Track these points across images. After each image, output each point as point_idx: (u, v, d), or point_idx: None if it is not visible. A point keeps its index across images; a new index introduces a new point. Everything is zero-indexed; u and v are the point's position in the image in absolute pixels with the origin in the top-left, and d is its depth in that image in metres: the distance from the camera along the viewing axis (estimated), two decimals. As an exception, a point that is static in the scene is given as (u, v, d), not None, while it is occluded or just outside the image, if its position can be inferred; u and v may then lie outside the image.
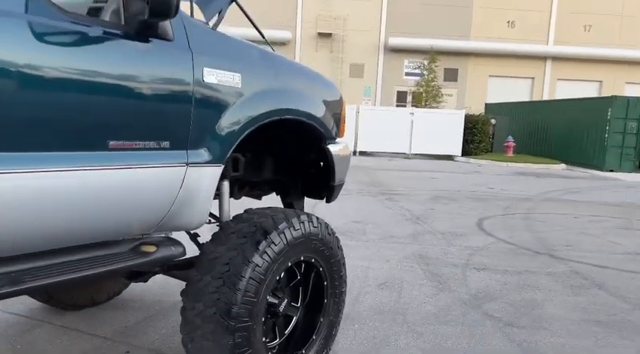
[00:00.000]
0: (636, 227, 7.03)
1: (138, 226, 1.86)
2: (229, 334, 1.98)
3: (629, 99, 16.20)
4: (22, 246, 1.54)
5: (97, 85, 1.59)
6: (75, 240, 1.70)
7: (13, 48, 1.37)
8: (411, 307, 3.57)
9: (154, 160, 1.77)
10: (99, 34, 1.61)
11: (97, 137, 1.60)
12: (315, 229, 2.34)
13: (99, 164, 1.61)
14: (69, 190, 1.55)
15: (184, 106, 1.85)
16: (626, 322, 3.52)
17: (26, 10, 1.44)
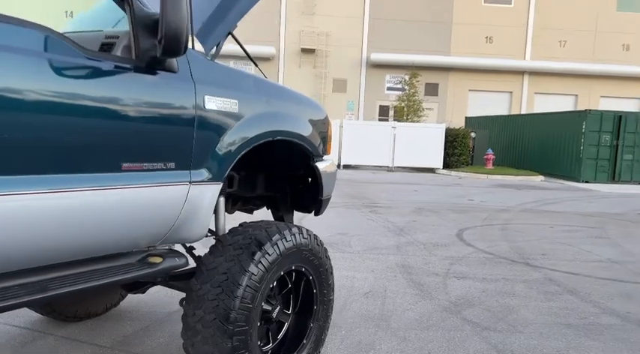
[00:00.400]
0: (608, 236, 7.35)
1: (146, 239, 2.05)
2: (228, 338, 2.16)
3: (603, 113, 16.80)
4: (49, 257, 1.72)
5: (111, 114, 1.78)
6: (92, 252, 1.88)
7: (34, 83, 1.56)
8: (395, 314, 3.78)
9: (161, 179, 1.96)
10: (112, 68, 1.81)
11: (112, 160, 1.79)
12: (305, 241, 2.54)
13: (113, 184, 1.80)
14: (88, 208, 1.74)
15: (188, 131, 2.05)
16: (595, 325, 3.77)
17: (45, 48, 1.63)
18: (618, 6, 28.03)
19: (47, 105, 1.58)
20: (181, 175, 2.04)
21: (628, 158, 16.45)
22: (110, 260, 1.98)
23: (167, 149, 1.98)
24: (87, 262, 1.90)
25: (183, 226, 2.14)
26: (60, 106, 1.62)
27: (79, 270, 1.85)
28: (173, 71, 1.99)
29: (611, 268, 5.51)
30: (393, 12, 27.02)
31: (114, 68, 1.81)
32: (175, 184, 2.01)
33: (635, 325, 3.80)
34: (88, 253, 1.87)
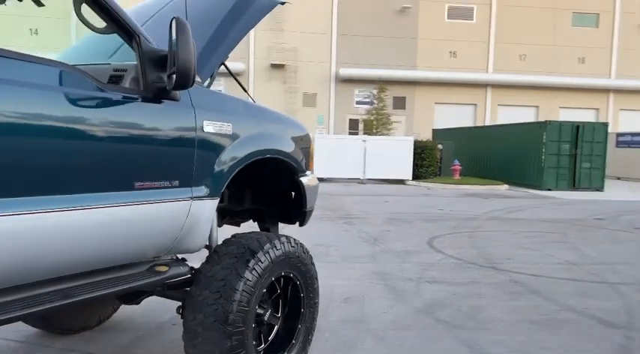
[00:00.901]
0: (568, 241, 7.83)
1: (153, 250, 2.28)
2: (227, 338, 2.40)
3: (561, 123, 17.63)
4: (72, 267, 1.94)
5: (126, 139, 2.02)
6: (108, 263, 2.10)
7: (66, 114, 1.80)
8: (374, 317, 4.05)
9: (168, 196, 2.20)
10: (126, 99, 2.05)
11: (126, 180, 2.03)
12: (293, 249, 2.81)
13: (127, 201, 2.03)
14: (106, 222, 1.96)
15: (190, 152, 2.30)
16: (555, 320, 4.13)
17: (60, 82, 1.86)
18: (573, 21, 29.48)
19: (75, 133, 1.82)
20: (184, 192, 2.29)
21: (586, 166, 17.27)
22: (122, 270, 2.20)
23: (172, 169, 2.23)
24: (103, 271, 2.11)
25: (186, 238, 2.38)
26: (85, 133, 1.86)
27: (96, 279, 2.07)
28: (176, 99, 2.24)
29: (570, 269, 5.93)
30: (359, 28, 27.72)
31: (127, 99, 2.06)
32: (179, 200, 2.26)
33: (590, 319, 4.18)
34: (106, 263, 2.09)
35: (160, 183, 2.15)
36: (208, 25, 2.69)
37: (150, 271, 2.29)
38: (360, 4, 27.74)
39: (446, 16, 28.50)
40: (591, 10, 29.55)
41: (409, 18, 28.08)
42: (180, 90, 2.12)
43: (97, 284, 2.04)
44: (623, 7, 29.59)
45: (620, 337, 3.81)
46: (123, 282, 2.13)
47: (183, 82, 1.98)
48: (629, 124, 28.96)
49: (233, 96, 2.70)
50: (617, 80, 29.61)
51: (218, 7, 2.81)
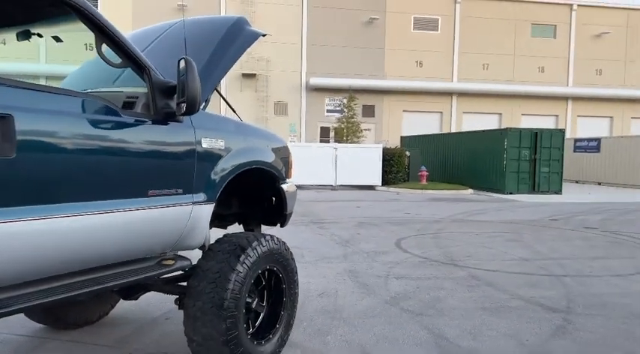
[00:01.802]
0: (523, 240, 8.51)
1: (161, 246, 2.72)
2: (223, 321, 2.85)
3: (521, 130, 18.59)
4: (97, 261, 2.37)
5: (141, 154, 2.48)
6: (125, 257, 2.53)
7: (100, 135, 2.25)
8: (346, 308, 4.55)
9: (174, 201, 2.65)
10: (141, 122, 2.50)
11: (141, 188, 2.48)
12: (276, 246, 3.28)
13: (142, 206, 2.47)
14: (125, 223, 2.40)
15: (191, 164, 2.76)
16: (505, 307, 4.70)
17: (95, 111, 2.31)
18: (532, 32, 30.86)
19: (106, 151, 2.27)
20: (187, 198, 2.74)
21: (545, 171, 18.25)
22: (136, 263, 2.64)
23: (177, 179, 2.68)
24: (121, 264, 2.55)
25: (188, 236, 2.83)
26: (113, 151, 2.31)
27: (117, 270, 2.50)
28: (179, 121, 2.70)
29: (522, 264, 6.56)
30: (329, 39, 28.39)
31: (141, 122, 2.51)
32: (183, 204, 2.71)
33: (535, 305, 4.77)
34: (124, 257, 2.52)
35: (167, 190, 2.61)
36: (202, 54, 3.15)
37: (158, 264, 2.73)
38: (329, 16, 28.44)
39: (412, 27, 29.45)
40: (549, 21, 30.99)
41: (377, 29, 28.92)
42: (189, 115, 2.58)
43: (119, 275, 2.47)
44: (579, 19, 31.14)
45: (559, 319, 4.40)
46: (138, 273, 2.57)
47: (191, 109, 2.45)
48: (586, 130, 30.44)
49: (224, 116, 3.17)
50: (574, 88, 31.09)
51: (210, 38, 3.28)
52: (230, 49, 3.22)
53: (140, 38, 3.54)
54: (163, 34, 3.55)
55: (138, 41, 3.29)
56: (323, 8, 28.42)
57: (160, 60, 2.91)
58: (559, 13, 31.05)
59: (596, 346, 3.77)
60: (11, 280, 2.01)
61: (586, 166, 24.47)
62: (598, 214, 12.34)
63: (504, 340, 3.86)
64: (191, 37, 3.24)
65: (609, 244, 8.22)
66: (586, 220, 11.19)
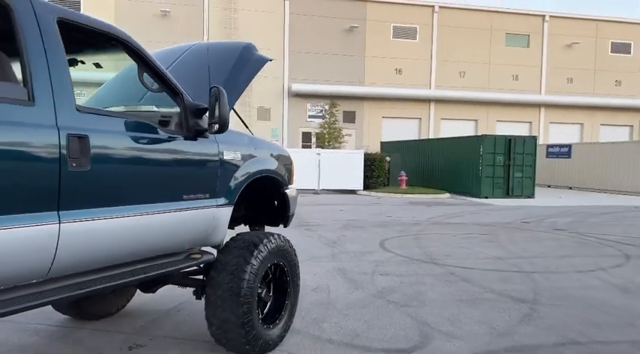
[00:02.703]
0: (497, 240, 9.16)
1: (190, 242, 3.21)
2: (240, 306, 3.33)
3: (496, 137, 19.42)
4: (144, 253, 2.85)
5: (178, 164, 2.96)
6: (163, 251, 3.01)
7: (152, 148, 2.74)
8: (338, 301, 5.07)
9: (202, 204, 3.15)
10: (177, 137, 2.99)
11: (179, 193, 2.96)
12: (282, 243, 3.79)
13: (178, 208, 2.96)
14: (165, 223, 2.89)
15: (215, 172, 3.25)
16: (479, 299, 5.27)
17: (136, 129, 2.79)
18: (506, 41, 31.97)
19: (155, 162, 2.76)
20: (212, 201, 3.23)
21: (518, 176, 19.09)
22: (170, 257, 3.12)
23: (205, 185, 3.18)
24: (159, 257, 3.02)
25: (212, 234, 3.32)
26: (159, 162, 2.80)
27: (156, 262, 2.98)
28: (206, 137, 3.20)
29: (496, 262, 7.18)
30: (310, 46, 28.98)
31: (176, 137, 3.00)
32: (209, 207, 3.20)
33: (506, 297, 5.36)
34: (163, 251, 3.00)
35: (197, 195, 3.10)
36: (218, 77, 3.64)
37: (187, 258, 3.22)
38: (310, 23, 29.03)
39: (391, 35, 30.25)
40: (523, 31, 32.15)
41: (357, 37, 29.63)
42: (219, 133, 3.08)
43: (159, 266, 2.95)
44: (551, 29, 32.38)
45: (526, 309, 4.98)
46: (172, 265, 3.05)
47: (222, 129, 2.95)
48: (558, 136, 31.62)
49: (239, 131, 3.67)
50: (547, 96, 32.29)
51: (224, 63, 3.77)
52: (242, 74, 3.72)
53: (160, 60, 4.02)
54: (181, 58, 4.03)
55: (162, 60, 3.77)
56: (304, 16, 29.01)
57: (181, 82, 3.40)
58: (532, 23, 32.24)
59: (555, 330, 4.36)
60: (87, 267, 2.48)
61: (558, 171, 25.50)
62: (567, 217, 13.12)
63: (478, 326, 4.43)
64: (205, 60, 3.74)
65: (576, 244, 8.92)
66: (556, 223, 11.94)
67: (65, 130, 2.28)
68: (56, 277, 2.37)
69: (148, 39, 21.07)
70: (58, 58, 2.34)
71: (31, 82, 2.20)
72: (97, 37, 2.75)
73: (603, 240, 9.41)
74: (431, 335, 4.16)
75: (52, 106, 2.25)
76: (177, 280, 3.76)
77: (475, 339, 4.09)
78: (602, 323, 4.57)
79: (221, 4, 28.11)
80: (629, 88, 33.48)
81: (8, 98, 2.12)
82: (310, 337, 4.03)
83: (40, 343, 3.85)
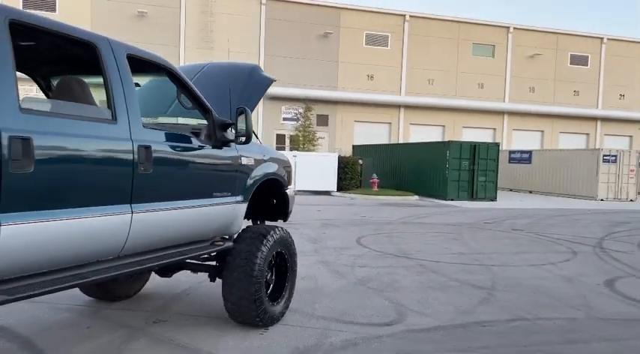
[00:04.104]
0: (461, 238, 10.10)
1: (214, 232, 3.92)
2: (252, 285, 4.05)
3: (462, 143, 20.56)
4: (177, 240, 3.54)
5: (209, 168, 3.68)
6: (193, 239, 3.72)
7: (191, 154, 3.45)
8: (325, 287, 5.83)
9: (225, 200, 3.86)
10: (207, 146, 3.70)
11: (210, 191, 3.68)
12: (284, 235, 4.52)
13: (209, 203, 3.67)
14: (197, 215, 3.59)
15: (235, 175, 3.97)
16: (445, 286, 6.12)
17: (182, 140, 3.50)
18: (473, 51, 33.37)
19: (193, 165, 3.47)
20: (232, 199, 3.96)
21: (482, 180, 20.27)
22: (197, 243, 3.82)
23: (228, 185, 3.90)
24: (189, 243, 3.72)
25: (231, 225, 4.04)
26: (196, 165, 3.51)
27: (189, 247, 3.68)
28: (229, 146, 3.91)
29: (460, 257, 8.08)
30: (285, 50, 29.66)
31: (206, 146, 3.71)
32: (230, 203, 3.93)
33: (467, 285, 6.22)
34: (195, 238, 3.71)
35: (222, 193, 3.82)
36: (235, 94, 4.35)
37: (212, 244, 3.93)
38: (286, 28, 29.73)
39: (364, 42, 31.22)
40: (488, 42, 33.63)
41: (331, 42, 30.48)
42: (245, 144, 3.80)
43: (192, 250, 3.66)
44: (515, 41, 33.98)
45: (485, 294, 5.85)
46: (202, 249, 3.76)
47: (247, 141, 3.69)
48: (521, 143, 33.21)
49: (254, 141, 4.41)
50: (510, 104, 33.84)
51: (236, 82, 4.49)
52: (253, 94, 4.45)
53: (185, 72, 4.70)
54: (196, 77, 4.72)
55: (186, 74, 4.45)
56: (280, 21, 29.68)
57: (205, 87, 4.10)
58: (497, 34, 33.76)
59: (508, 310, 5.23)
60: (147, 248, 3.18)
61: (519, 176, 26.94)
62: (526, 219, 14.23)
63: (444, 307, 5.26)
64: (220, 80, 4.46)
65: (530, 243, 9.93)
66: (515, 223, 13.01)
67: (137, 142, 2.97)
68: (125, 255, 3.06)
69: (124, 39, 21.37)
70: (130, 86, 3.03)
71: (113, 105, 2.90)
72: (150, 66, 3.44)
73: (555, 239, 10.48)
74: (405, 313, 4.96)
75: (127, 123, 2.95)
76: (193, 266, 4.45)
77: (442, 316, 4.92)
78: (547, 305, 5.47)
79: (198, 7, 28.52)
80: (586, 98, 35.42)
81: (100, 118, 2.81)
82: (305, 315, 4.78)
83: (72, 318, 4.48)
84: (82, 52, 2.99)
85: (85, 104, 2.93)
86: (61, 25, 2.75)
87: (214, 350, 3.79)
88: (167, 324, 4.36)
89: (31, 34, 2.60)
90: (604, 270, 7.46)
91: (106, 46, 2.96)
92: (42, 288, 2.45)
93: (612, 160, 22.61)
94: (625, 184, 22.78)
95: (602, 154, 22.63)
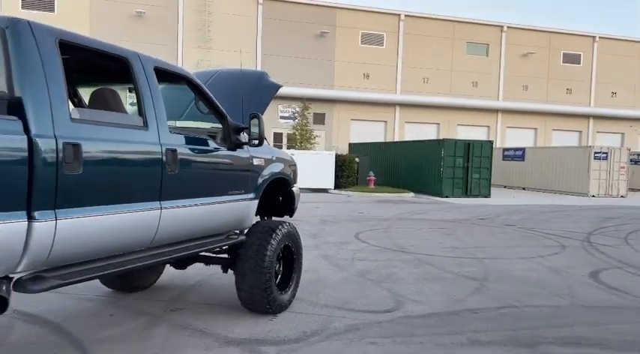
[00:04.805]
0: (455, 234, 10.50)
1: (229, 226, 4.29)
2: (263, 275, 4.42)
3: (456, 141, 20.99)
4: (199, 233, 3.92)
5: (225, 168, 4.06)
6: (212, 232, 4.09)
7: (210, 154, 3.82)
8: (327, 279, 6.22)
9: (239, 198, 4.24)
10: (223, 148, 4.07)
11: (225, 189, 4.05)
12: (291, 229, 4.90)
13: (225, 200, 4.05)
14: (216, 211, 3.97)
15: (248, 174, 4.35)
16: (439, 277, 6.52)
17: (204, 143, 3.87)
18: (467, 50, 33.82)
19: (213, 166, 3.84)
20: (245, 196, 4.33)
21: (476, 177, 20.71)
22: (214, 237, 4.19)
23: (241, 183, 4.27)
24: (207, 237, 4.09)
25: (244, 221, 4.42)
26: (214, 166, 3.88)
27: (206, 240, 4.05)
28: (241, 148, 4.29)
29: (454, 251, 8.48)
30: (282, 49, 30.00)
31: (224, 148, 4.08)
32: (244, 200, 4.30)
33: (461, 277, 6.61)
34: (215, 231, 4.08)
35: (237, 191, 4.20)
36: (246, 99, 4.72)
37: (227, 238, 4.30)
38: (282, 27, 30.06)
39: (359, 41, 31.61)
40: (482, 40, 34.08)
41: (327, 42, 30.84)
42: (257, 147, 4.17)
43: (211, 242, 4.03)
44: (508, 40, 34.44)
45: (477, 284, 6.25)
46: (217, 243, 4.13)
47: (260, 144, 4.06)
48: (514, 140, 33.72)
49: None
50: (504, 102, 34.33)
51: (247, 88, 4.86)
52: (262, 99, 4.82)
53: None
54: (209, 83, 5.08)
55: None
56: (277, 20, 30.01)
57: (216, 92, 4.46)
58: (491, 33, 34.22)
59: (499, 299, 5.63)
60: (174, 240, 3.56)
61: (512, 173, 27.42)
62: (518, 215, 14.66)
63: (439, 296, 5.65)
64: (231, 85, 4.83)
65: (522, 237, 10.35)
66: (508, 219, 13.44)
67: (165, 146, 3.34)
68: (154, 246, 3.43)
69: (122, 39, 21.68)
70: (157, 95, 3.40)
71: (144, 113, 3.26)
72: (173, 76, 3.81)
73: (546, 234, 10.90)
74: (403, 302, 5.35)
75: (157, 129, 3.32)
76: (206, 259, 4.82)
77: (436, 304, 5.31)
78: (535, 294, 5.87)
79: (195, 6, 28.80)
80: (578, 96, 35.96)
81: (134, 125, 3.18)
82: (310, 303, 5.16)
83: (95, 307, 4.85)
84: (115, 65, 3.35)
85: (121, 113, 3.29)
86: (98, 42, 3.11)
87: (230, 334, 4.16)
88: (184, 312, 4.73)
89: (73, 50, 2.96)
90: (590, 262, 7.87)
91: (137, 60, 3.33)
92: (88, 274, 2.82)
93: (603, 157, 23.10)
94: (616, 181, 23.29)
95: (593, 152, 23.12)
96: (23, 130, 2.45)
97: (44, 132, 2.52)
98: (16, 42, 2.53)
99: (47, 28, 2.72)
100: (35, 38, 2.60)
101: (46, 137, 2.52)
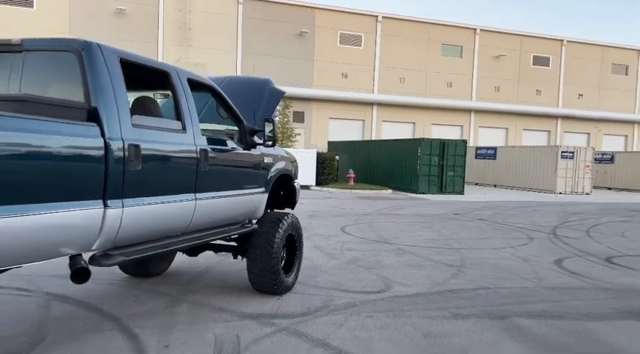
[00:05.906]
0: (433, 227, 11.28)
1: (244, 216, 4.89)
2: (272, 260, 5.03)
3: (432, 140, 21.88)
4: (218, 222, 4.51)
5: (242, 165, 4.66)
6: (229, 221, 4.68)
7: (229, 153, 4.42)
8: (321, 266, 6.86)
9: (253, 191, 4.84)
10: (240, 148, 4.67)
11: (242, 184, 4.65)
12: (295, 220, 5.52)
13: (242, 193, 4.65)
14: (233, 202, 4.56)
15: (260, 171, 4.96)
16: (421, 264, 7.23)
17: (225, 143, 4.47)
18: (442, 51, 34.86)
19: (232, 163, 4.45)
20: (258, 190, 4.94)
21: (450, 174, 21.65)
22: (231, 226, 4.78)
23: (254, 178, 4.88)
24: (225, 226, 4.69)
25: (256, 211, 5.02)
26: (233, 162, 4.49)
27: (224, 228, 4.64)
28: (255, 147, 4.89)
29: (433, 242, 9.23)
30: (262, 48, 30.46)
31: (240, 148, 4.68)
32: (257, 193, 4.91)
33: (440, 264, 7.35)
34: (233, 220, 4.68)
35: (251, 185, 4.80)
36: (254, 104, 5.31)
37: (242, 226, 4.90)
38: (263, 26, 30.51)
39: (338, 41, 32.32)
40: (456, 42, 35.19)
41: (307, 41, 31.44)
42: (270, 147, 4.78)
43: (230, 230, 4.63)
44: (481, 42, 35.64)
45: (455, 270, 6.98)
46: (235, 230, 4.73)
47: (273, 145, 4.67)
48: (486, 139, 34.94)
49: (270, 143, 5.39)
50: (477, 102, 35.54)
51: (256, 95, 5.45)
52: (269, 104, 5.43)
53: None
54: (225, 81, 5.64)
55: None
56: (257, 19, 30.45)
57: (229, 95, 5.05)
58: (465, 35, 35.36)
59: (474, 282, 6.37)
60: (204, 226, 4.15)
61: (485, 170, 28.55)
62: (490, 210, 15.58)
63: (422, 279, 6.36)
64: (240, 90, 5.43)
65: (493, 230, 11.19)
66: (480, 214, 14.32)
67: (199, 146, 3.94)
68: (188, 231, 4.02)
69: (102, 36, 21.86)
70: (192, 103, 3.99)
71: (182, 118, 3.85)
72: (200, 85, 4.40)
73: (515, 227, 11.78)
74: (391, 285, 6.04)
75: (192, 132, 3.91)
76: (216, 247, 5.40)
77: (421, 286, 6.02)
78: (505, 278, 6.64)
79: (176, 4, 29.01)
80: (547, 97, 37.45)
81: (176, 129, 3.76)
82: (310, 286, 5.80)
83: (119, 290, 5.39)
84: (157, 77, 3.93)
85: (166, 119, 3.87)
86: (146, 58, 3.69)
87: (245, 310, 4.76)
88: (199, 293, 5.31)
89: (129, 66, 3.52)
90: (555, 252, 8.72)
91: (174, 73, 3.91)
92: (144, 253, 3.41)
93: (570, 156, 24.35)
94: (581, 179, 24.57)
95: (560, 151, 24.35)
96: (100, 134, 3.03)
97: (115, 135, 3.10)
98: (90, 62, 3.09)
99: (112, 49, 3.29)
100: (104, 58, 3.17)
101: (116, 140, 3.10)
